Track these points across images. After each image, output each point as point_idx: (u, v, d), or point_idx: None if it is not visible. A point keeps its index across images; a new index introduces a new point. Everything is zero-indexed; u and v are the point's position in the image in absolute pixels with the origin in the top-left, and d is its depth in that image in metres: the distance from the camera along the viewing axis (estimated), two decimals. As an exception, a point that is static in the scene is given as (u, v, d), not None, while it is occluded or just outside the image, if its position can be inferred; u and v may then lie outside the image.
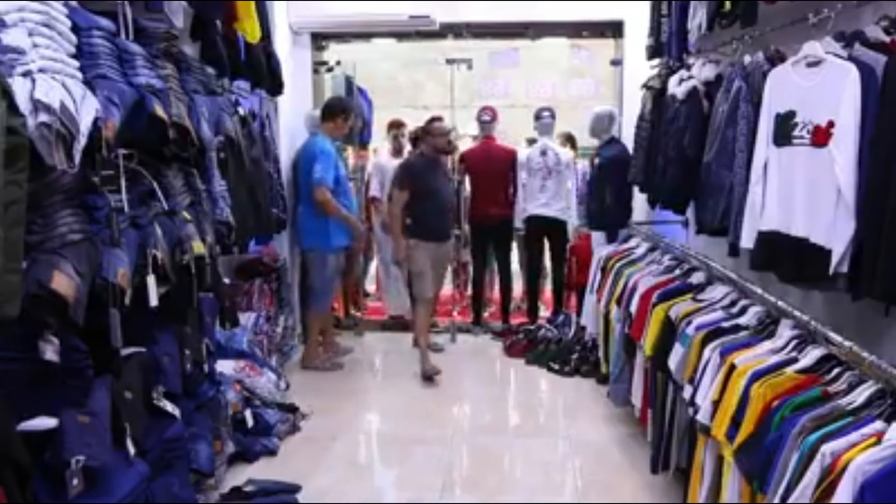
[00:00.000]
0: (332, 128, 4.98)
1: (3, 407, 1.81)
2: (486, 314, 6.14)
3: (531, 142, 6.19)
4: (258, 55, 4.01)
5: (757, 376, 2.25)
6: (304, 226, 4.98)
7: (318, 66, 5.98)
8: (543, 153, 5.68)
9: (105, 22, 2.23)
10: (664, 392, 3.16)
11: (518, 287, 6.27)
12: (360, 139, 6.17)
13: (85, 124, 1.89)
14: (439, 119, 5.18)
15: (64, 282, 1.86)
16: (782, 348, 2.42)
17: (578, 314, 5.20)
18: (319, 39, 5.95)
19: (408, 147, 6.00)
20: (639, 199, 4.93)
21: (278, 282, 4.87)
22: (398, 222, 4.97)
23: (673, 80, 3.63)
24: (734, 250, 2.98)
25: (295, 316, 5.29)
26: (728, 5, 2.98)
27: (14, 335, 1.85)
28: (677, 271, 3.66)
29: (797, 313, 2.49)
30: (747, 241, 2.65)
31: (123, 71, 2.31)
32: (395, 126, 6.18)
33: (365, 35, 6.18)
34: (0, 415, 1.77)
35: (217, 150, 3.16)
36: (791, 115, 2.41)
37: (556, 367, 5.01)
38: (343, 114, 5.02)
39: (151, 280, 2.32)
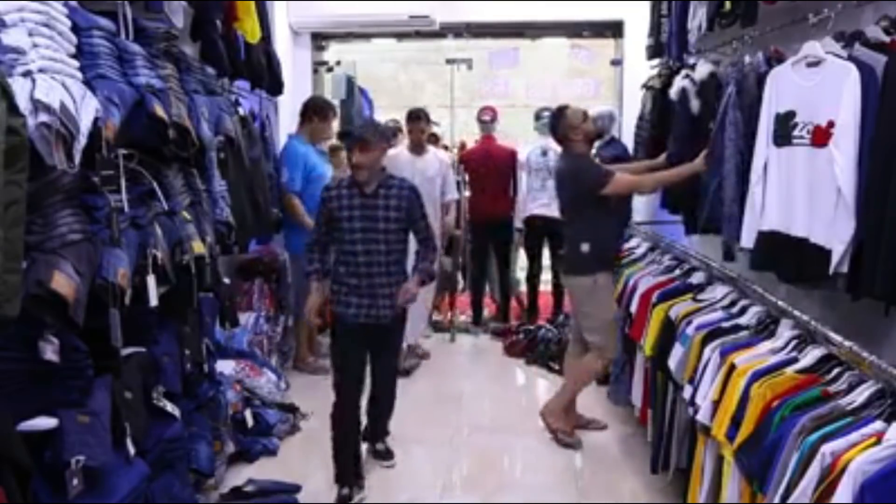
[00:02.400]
0: (310, 130, 4.83)
1: (3, 407, 1.81)
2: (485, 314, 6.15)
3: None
4: (258, 55, 4.01)
5: (757, 376, 2.25)
6: (284, 227, 4.86)
7: (318, 66, 5.99)
8: (544, 153, 5.68)
9: (105, 22, 2.23)
10: (664, 392, 3.16)
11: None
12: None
13: (85, 124, 1.89)
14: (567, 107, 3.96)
15: (64, 282, 1.86)
16: (782, 348, 2.42)
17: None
18: (319, 39, 5.96)
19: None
20: (639, 200, 4.93)
21: (278, 282, 4.86)
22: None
23: (676, 80, 3.62)
24: (728, 255, 3.02)
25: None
26: (728, 5, 2.99)
27: (14, 335, 1.85)
28: (677, 271, 3.66)
29: (797, 313, 2.49)
30: (747, 241, 2.65)
31: (123, 71, 2.31)
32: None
33: (365, 35, 6.18)
34: (0, 415, 1.77)
35: (217, 150, 3.16)
36: (791, 115, 2.41)
37: (556, 367, 5.00)
38: (318, 115, 4.79)
39: (151, 280, 2.32)
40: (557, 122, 3.81)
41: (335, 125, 5.32)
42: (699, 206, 3.08)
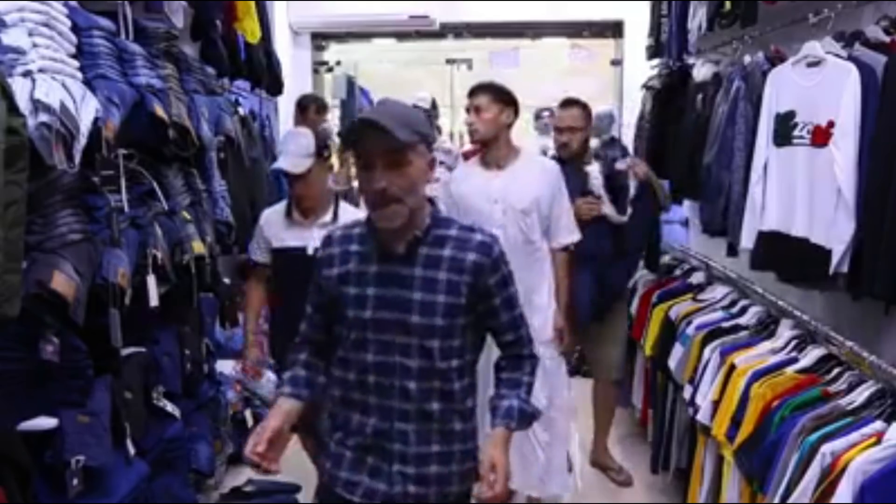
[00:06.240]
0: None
1: (3, 407, 1.81)
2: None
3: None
4: (258, 55, 4.01)
5: (757, 376, 2.26)
6: None
7: (318, 66, 5.98)
8: (543, 153, 5.67)
9: (105, 22, 2.23)
10: (664, 392, 3.16)
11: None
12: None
13: (85, 124, 1.89)
14: (570, 103, 3.41)
15: (64, 282, 1.86)
16: (782, 348, 2.43)
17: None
18: (319, 39, 5.95)
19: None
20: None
21: (278, 282, 4.85)
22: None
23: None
24: (732, 250, 2.98)
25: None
26: (728, 5, 2.98)
27: (14, 335, 1.85)
28: (677, 271, 3.66)
29: (797, 313, 2.49)
30: (747, 240, 2.65)
31: (123, 71, 2.31)
32: None
33: (365, 35, 6.18)
34: (0, 415, 1.77)
35: (217, 150, 3.16)
36: (791, 115, 2.41)
37: (557, 367, 5.00)
38: (305, 111, 4.43)
39: (151, 280, 2.32)
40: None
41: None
42: (709, 202, 3.00)
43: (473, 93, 2.92)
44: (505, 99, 2.88)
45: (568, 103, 3.41)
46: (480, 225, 2.28)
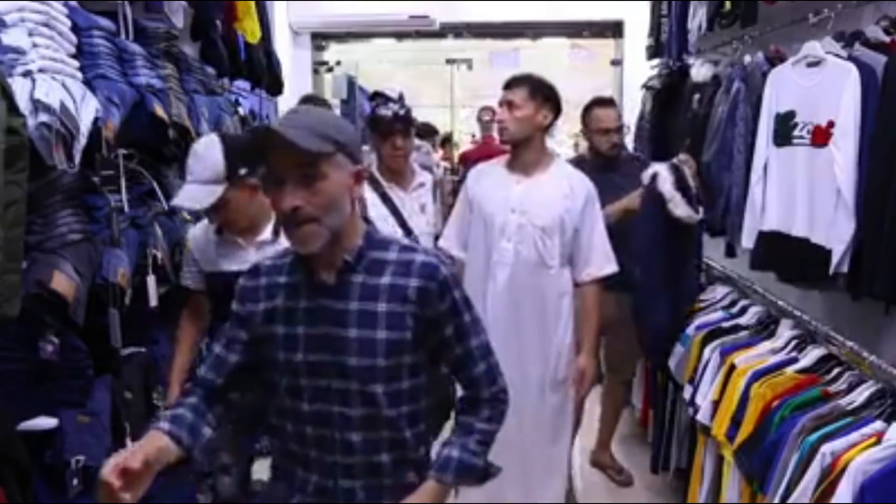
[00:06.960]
0: None
1: (3, 407, 1.81)
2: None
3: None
4: (258, 55, 4.01)
5: (757, 376, 2.26)
6: None
7: (318, 66, 5.98)
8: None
9: (105, 22, 2.23)
10: (664, 392, 3.16)
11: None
12: (363, 138, 6.15)
13: (85, 124, 1.89)
14: (608, 102, 3.30)
15: (64, 282, 1.86)
16: (782, 348, 2.42)
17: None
18: (319, 39, 5.96)
19: None
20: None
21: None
22: None
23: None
24: (731, 251, 2.99)
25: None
26: (728, 5, 2.98)
27: (14, 335, 1.85)
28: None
29: (797, 313, 2.49)
30: (747, 240, 2.65)
31: (123, 71, 2.31)
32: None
33: (365, 35, 6.18)
34: (0, 415, 1.77)
35: (217, 150, 3.15)
36: (791, 115, 2.41)
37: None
38: None
39: (151, 280, 2.32)
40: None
41: None
42: (708, 202, 2.99)
43: (509, 85, 2.57)
44: (545, 94, 2.54)
45: (606, 103, 3.26)
46: (491, 233, 2.26)
